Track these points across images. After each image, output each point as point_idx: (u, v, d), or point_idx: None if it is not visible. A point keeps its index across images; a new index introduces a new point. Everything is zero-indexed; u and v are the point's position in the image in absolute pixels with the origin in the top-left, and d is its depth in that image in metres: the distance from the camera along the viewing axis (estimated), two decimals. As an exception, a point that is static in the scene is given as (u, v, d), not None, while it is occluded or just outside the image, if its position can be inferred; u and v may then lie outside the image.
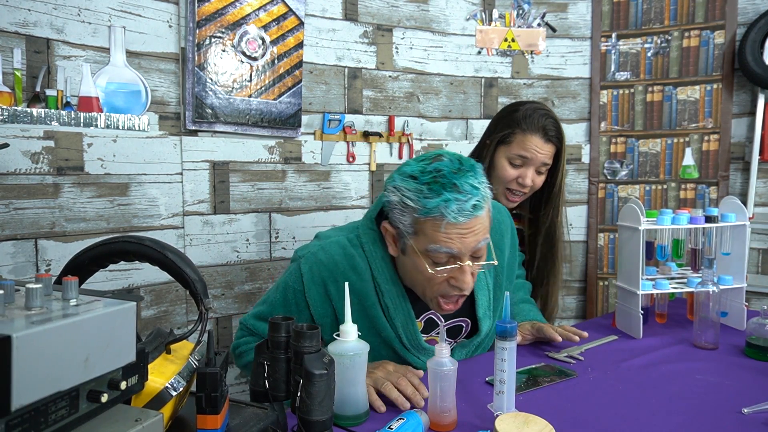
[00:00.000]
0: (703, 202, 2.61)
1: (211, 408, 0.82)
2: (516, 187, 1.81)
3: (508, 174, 1.80)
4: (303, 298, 1.37)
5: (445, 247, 1.19)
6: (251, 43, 2.14)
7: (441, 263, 1.22)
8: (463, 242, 1.19)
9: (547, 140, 1.77)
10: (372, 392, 1.16)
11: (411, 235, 1.24)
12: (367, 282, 1.34)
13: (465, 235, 1.19)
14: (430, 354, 1.38)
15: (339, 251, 1.37)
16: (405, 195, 1.21)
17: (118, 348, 0.67)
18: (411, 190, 1.20)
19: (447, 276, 1.24)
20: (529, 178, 1.79)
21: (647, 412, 1.15)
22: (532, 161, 1.78)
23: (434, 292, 1.28)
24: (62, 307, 0.64)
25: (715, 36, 2.56)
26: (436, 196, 1.17)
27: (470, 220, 1.18)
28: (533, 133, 1.76)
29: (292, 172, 2.32)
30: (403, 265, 1.33)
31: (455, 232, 1.18)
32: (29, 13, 1.72)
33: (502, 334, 1.09)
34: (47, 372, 0.58)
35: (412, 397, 1.15)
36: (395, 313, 1.35)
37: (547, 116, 1.78)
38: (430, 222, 1.19)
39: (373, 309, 1.35)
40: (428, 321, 1.43)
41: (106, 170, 1.90)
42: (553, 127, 1.78)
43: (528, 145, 1.77)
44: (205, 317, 0.87)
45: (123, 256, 0.88)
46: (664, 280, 1.68)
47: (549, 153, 1.79)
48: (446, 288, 1.26)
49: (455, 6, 2.63)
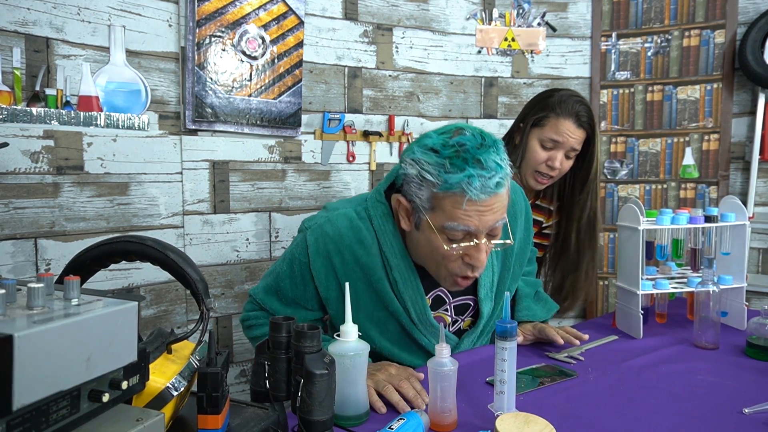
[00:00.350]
0: (703, 201, 2.61)
1: (212, 408, 0.82)
2: (545, 169, 1.88)
3: (539, 156, 1.87)
4: (308, 270, 1.35)
5: (462, 225, 1.16)
6: (251, 42, 2.13)
7: (456, 240, 1.20)
8: (481, 220, 1.17)
9: (579, 125, 1.83)
10: (372, 393, 1.16)
11: (427, 211, 1.20)
12: (374, 256, 1.33)
13: (484, 213, 1.16)
14: (436, 331, 1.37)
15: (346, 224, 1.34)
16: (424, 168, 1.18)
17: (119, 348, 0.67)
18: (431, 163, 1.17)
19: (462, 253, 1.22)
20: (558, 160, 1.85)
21: (647, 412, 1.15)
22: (563, 145, 1.84)
23: (447, 269, 1.25)
24: (64, 307, 0.64)
25: (716, 35, 2.56)
26: (459, 171, 1.13)
27: (491, 198, 1.15)
28: (566, 117, 1.82)
29: (292, 172, 2.32)
30: (416, 241, 1.29)
31: (474, 210, 1.15)
32: (29, 12, 1.72)
33: (503, 334, 1.09)
34: (49, 371, 0.58)
35: (414, 401, 1.15)
36: (404, 288, 1.33)
37: (580, 103, 1.84)
38: (449, 198, 1.16)
39: (380, 283, 1.33)
40: (436, 298, 1.41)
41: (106, 170, 1.90)
42: (586, 114, 1.83)
43: (561, 128, 1.83)
44: (207, 317, 0.87)
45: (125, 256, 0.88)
46: (664, 280, 1.67)
47: (579, 138, 1.85)
48: (460, 266, 1.24)
49: (455, 5, 2.62)
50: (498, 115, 2.72)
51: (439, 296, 1.42)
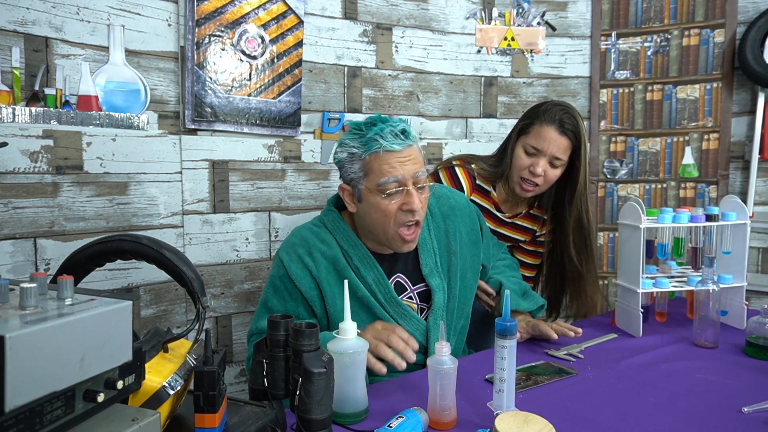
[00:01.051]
0: (703, 201, 2.60)
1: (208, 407, 0.82)
2: (528, 176, 1.87)
3: (522, 162, 1.87)
4: (289, 279, 1.47)
5: (391, 177, 1.38)
6: (251, 41, 2.13)
7: (391, 195, 1.40)
8: (404, 168, 1.38)
9: (561, 132, 1.82)
10: (369, 357, 1.20)
11: (362, 179, 1.42)
12: (335, 249, 1.49)
13: (404, 163, 1.38)
14: (405, 311, 1.49)
15: (307, 231, 1.54)
16: (349, 146, 1.43)
17: (114, 347, 0.67)
18: (352, 138, 1.43)
19: (399, 203, 1.40)
20: (540, 167, 1.84)
21: (647, 411, 1.15)
22: (545, 151, 1.83)
23: (392, 223, 1.42)
24: (57, 307, 0.64)
25: (715, 35, 2.56)
26: (371, 130, 1.39)
27: (405, 149, 1.39)
28: (549, 124, 1.83)
29: (291, 171, 2.32)
30: (363, 214, 1.47)
31: (395, 161, 1.38)
32: (28, 11, 1.72)
33: (502, 333, 1.09)
34: (42, 372, 0.57)
35: (404, 353, 1.23)
36: (366, 272, 1.48)
37: (565, 112, 1.84)
38: (373, 157, 1.39)
39: (346, 271, 1.46)
40: (397, 284, 1.54)
41: (106, 169, 1.90)
42: (570, 122, 1.83)
43: (542, 134, 1.83)
44: (203, 316, 0.87)
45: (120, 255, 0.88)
46: (664, 279, 1.67)
47: (562, 145, 1.83)
48: (401, 216, 1.41)
49: (455, 5, 2.62)
50: (498, 114, 2.71)
51: (399, 282, 1.54)
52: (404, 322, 1.47)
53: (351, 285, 1.42)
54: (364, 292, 1.46)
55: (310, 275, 1.47)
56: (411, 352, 1.23)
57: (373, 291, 1.47)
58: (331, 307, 1.46)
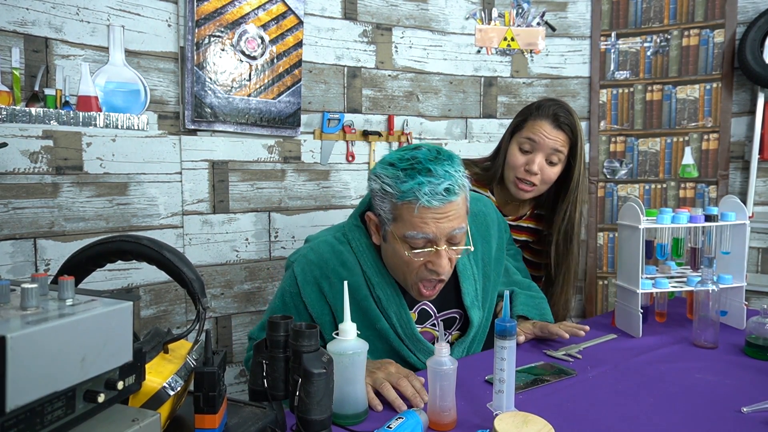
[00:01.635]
0: (703, 201, 2.60)
1: (208, 407, 0.82)
2: (524, 174, 1.82)
3: (517, 160, 1.82)
4: (300, 299, 1.39)
5: (421, 233, 1.24)
6: (250, 42, 2.13)
7: (418, 248, 1.27)
8: (438, 227, 1.24)
9: (556, 126, 1.78)
10: (370, 391, 1.16)
11: (390, 222, 1.29)
12: (357, 275, 1.37)
13: (440, 220, 1.23)
14: (424, 346, 1.40)
15: (328, 249, 1.41)
16: (384, 182, 1.27)
17: (114, 348, 0.67)
18: (389, 176, 1.26)
19: (424, 260, 1.28)
20: (536, 164, 1.79)
21: (646, 411, 1.15)
22: (540, 146, 1.78)
23: (413, 276, 1.31)
24: (58, 307, 0.64)
25: (715, 35, 2.56)
26: (411, 180, 1.22)
27: (444, 205, 1.22)
28: (543, 118, 1.78)
29: (291, 172, 2.32)
30: (385, 253, 1.36)
31: (430, 217, 1.23)
32: (27, 12, 1.72)
33: (502, 334, 1.09)
34: (43, 372, 0.57)
35: (412, 399, 1.15)
36: (388, 304, 1.38)
37: (560, 107, 1.80)
38: (406, 206, 1.24)
39: (366, 301, 1.37)
40: (421, 312, 1.45)
41: (105, 170, 1.90)
42: (565, 116, 1.78)
43: (536, 128, 1.79)
44: (203, 316, 0.87)
45: (120, 256, 0.88)
46: (664, 279, 1.67)
47: (558, 139, 1.78)
48: (424, 272, 1.30)
49: (454, 5, 2.62)
50: (497, 114, 2.72)
51: (424, 310, 1.45)
52: (422, 356, 1.40)
53: (370, 316, 1.38)
54: (383, 325, 1.38)
55: (325, 300, 1.38)
56: (419, 400, 1.14)
57: (393, 324, 1.38)
58: None
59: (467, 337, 1.47)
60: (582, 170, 1.84)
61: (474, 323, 1.45)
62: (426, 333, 1.46)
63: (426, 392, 1.16)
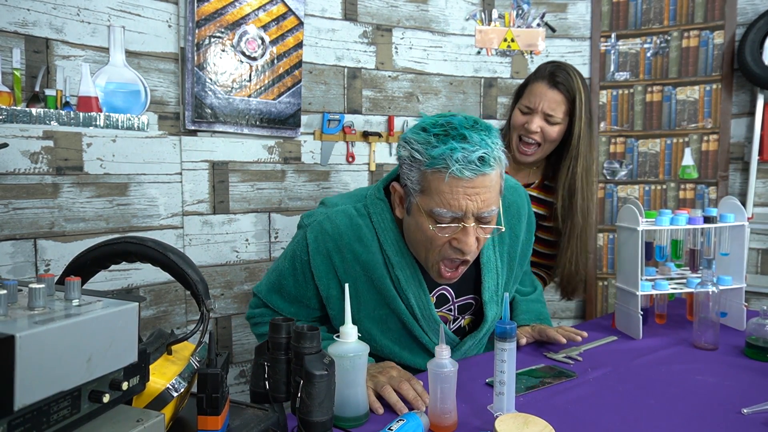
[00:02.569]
0: (703, 202, 2.61)
1: (211, 409, 0.82)
2: (524, 133, 1.86)
3: (517, 121, 1.87)
4: (308, 268, 1.34)
5: (450, 210, 1.15)
6: (251, 43, 2.13)
7: (445, 223, 1.18)
8: (468, 203, 1.15)
9: (552, 86, 1.81)
10: (371, 394, 1.16)
11: (417, 193, 1.20)
12: (374, 254, 1.31)
13: (470, 196, 1.15)
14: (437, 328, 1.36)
15: (345, 221, 1.33)
16: (413, 147, 1.19)
17: (120, 348, 0.67)
18: (419, 141, 1.18)
19: (449, 237, 1.20)
20: (534, 124, 1.82)
21: (647, 413, 1.15)
22: (536, 108, 1.82)
23: (435, 255, 1.24)
24: (65, 308, 0.64)
25: (715, 36, 2.56)
26: (443, 145, 1.13)
27: (477, 178, 1.13)
28: (541, 79, 1.82)
29: (291, 172, 2.32)
30: (407, 227, 1.28)
31: (461, 190, 1.14)
32: (28, 12, 1.72)
33: (502, 335, 1.09)
34: (50, 372, 0.58)
35: (414, 402, 1.14)
36: (407, 285, 1.32)
37: (558, 67, 1.83)
38: (435, 175, 1.15)
39: (382, 281, 1.32)
40: (440, 297, 1.41)
41: (106, 170, 1.90)
42: (562, 76, 1.80)
43: (534, 90, 1.83)
44: (207, 318, 0.87)
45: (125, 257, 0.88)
46: (664, 281, 1.68)
47: (554, 99, 1.81)
48: (447, 250, 1.22)
49: (455, 6, 2.63)
50: (497, 115, 2.72)
51: (443, 295, 1.42)
52: (435, 336, 1.37)
53: (386, 296, 1.34)
54: (398, 305, 1.33)
55: (334, 274, 1.33)
56: (421, 403, 1.12)
57: (410, 306, 1.33)
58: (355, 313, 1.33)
59: (479, 332, 1.45)
60: (583, 127, 1.83)
61: (488, 319, 1.42)
62: (442, 316, 1.43)
63: (427, 395, 1.14)
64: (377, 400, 1.16)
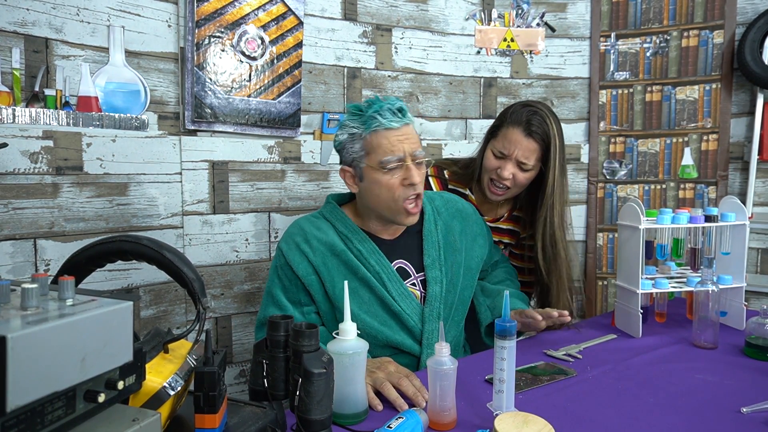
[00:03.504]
0: (702, 202, 2.60)
1: (209, 407, 0.82)
2: (495, 177, 1.83)
3: (490, 164, 1.84)
4: (288, 267, 1.52)
5: (393, 155, 1.43)
6: (250, 42, 2.13)
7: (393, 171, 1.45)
8: (403, 145, 1.43)
9: (527, 134, 1.76)
10: (370, 391, 1.17)
11: (363, 158, 1.47)
12: (332, 235, 1.53)
13: (403, 141, 1.44)
14: (405, 291, 1.51)
15: (304, 222, 1.59)
16: (350, 126, 1.48)
17: (115, 348, 0.67)
18: (352, 120, 1.48)
19: (400, 178, 1.45)
20: (507, 170, 1.79)
21: (646, 411, 1.15)
22: (510, 155, 1.79)
23: (397, 197, 1.46)
24: (58, 307, 0.64)
25: (714, 36, 2.56)
26: (370, 109, 1.44)
27: (403, 127, 1.45)
28: (516, 126, 1.78)
29: (291, 172, 2.32)
30: (366, 194, 1.51)
31: (395, 138, 1.43)
32: (28, 12, 1.72)
33: (502, 333, 1.09)
34: (43, 372, 0.58)
35: (414, 398, 1.16)
36: (368, 254, 1.51)
37: (535, 114, 1.77)
38: (374, 135, 1.44)
39: (345, 255, 1.50)
40: (400, 270, 1.55)
41: (105, 170, 1.90)
42: (538, 125, 1.76)
43: (508, 136, 1.79)
44: (203, 316, 0.87)
45: (120, 256, 0.88)
46: (664, 280, 1.67)
47: (529, 148, 1.77)
48: (402, 191, 1.46)
49: (454, 6, 2.62)
50: (497, 115, 2.71)
51: (402, 268, 1.56)
52: (404, 303, 1.50)
53: (351, 266, 1.49)
54: (364, 273, 1.49)
55: (308, 261, 1.50)
56: (421, 399, 1.16)
57: (375, 271, 1.50)
58: (330, 290, 1.49)
59: (429, 296, 1.54)
60: (557, 175, 1.80)
61: (430, 281, 1.55)
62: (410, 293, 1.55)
63: (426, 391, 1.17)
64: (376, 396, 1.17)
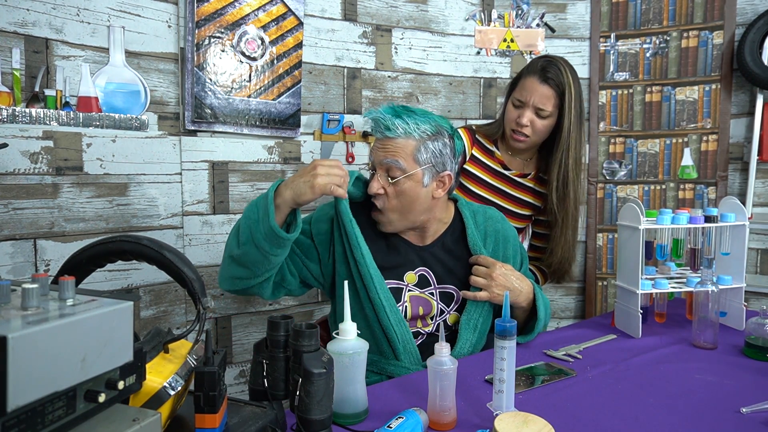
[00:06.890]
0: (702, 202, 2.61)
1: (209, 407, 0.82)
2: (516, 126, 1.92)
3: (510, 114, 1.94)
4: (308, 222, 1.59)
5: (370, 157, 1.50)
6: (250, 43, 2.14)
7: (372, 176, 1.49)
8: (376, 155, 1.47)
9: (543, 81, 1.85)
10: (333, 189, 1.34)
11: None
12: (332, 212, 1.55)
13: (378, 150, 1.46)
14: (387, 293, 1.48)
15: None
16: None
17: (115, 348, 0.67)
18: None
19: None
20: (525, 117, 1.88)
21: (646, 412, 1.15)
22: (527, 102, 1.88)
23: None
24: (59, 307, 0.64)
25: (714, 36, 2.56)
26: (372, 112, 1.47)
27: (385, 140, 1.44)
28: (532, 74, 1.88)
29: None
30: None
31: (377, 145, 1.47)
32: (28, 12, 1.72)
33: (502, 333, 1.09)
34: (44, 372, 0.58)
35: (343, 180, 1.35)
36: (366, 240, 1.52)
37: (550, 62, 1.87)
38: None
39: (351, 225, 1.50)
40: (421, 277, 1.54)
41: (105, 170, 1.90)
42: (552, 71, 1.85)
43: (525, 85, 1.89)
44: (203, 316, 0.87)
45: (120, 256, 0.88)
46: (664, 280, 1.68)
47: (544, 95, 1.86)
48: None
49: (454, 6, 2.63)
50: (497, 115, 2.71)
51: (423, 276, 1.54)
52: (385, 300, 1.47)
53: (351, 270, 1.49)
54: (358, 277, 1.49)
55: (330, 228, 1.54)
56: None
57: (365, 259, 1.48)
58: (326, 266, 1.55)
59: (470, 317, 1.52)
60: (573, 120, 1.89)
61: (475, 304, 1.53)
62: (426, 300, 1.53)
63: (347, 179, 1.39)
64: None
